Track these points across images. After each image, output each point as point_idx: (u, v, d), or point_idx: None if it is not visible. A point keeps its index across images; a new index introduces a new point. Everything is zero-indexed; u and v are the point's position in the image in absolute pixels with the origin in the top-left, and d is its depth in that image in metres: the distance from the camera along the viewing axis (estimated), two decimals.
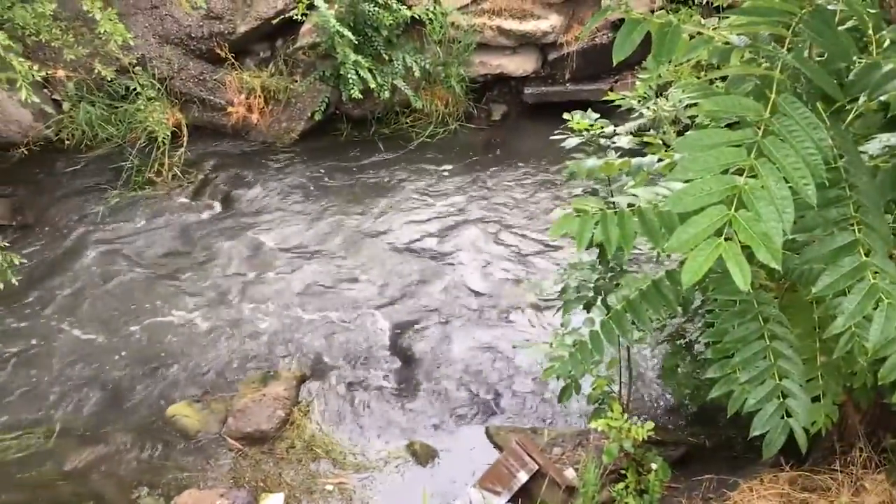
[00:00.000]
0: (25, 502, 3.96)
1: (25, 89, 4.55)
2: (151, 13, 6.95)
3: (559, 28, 7.17)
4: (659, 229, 1.99)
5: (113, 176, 6.31)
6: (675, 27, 1.88)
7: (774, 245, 1.48)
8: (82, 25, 6.13)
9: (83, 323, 5.05)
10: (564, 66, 7.24)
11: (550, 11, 7.25)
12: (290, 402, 4.52)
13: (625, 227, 2.01)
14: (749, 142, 1.59)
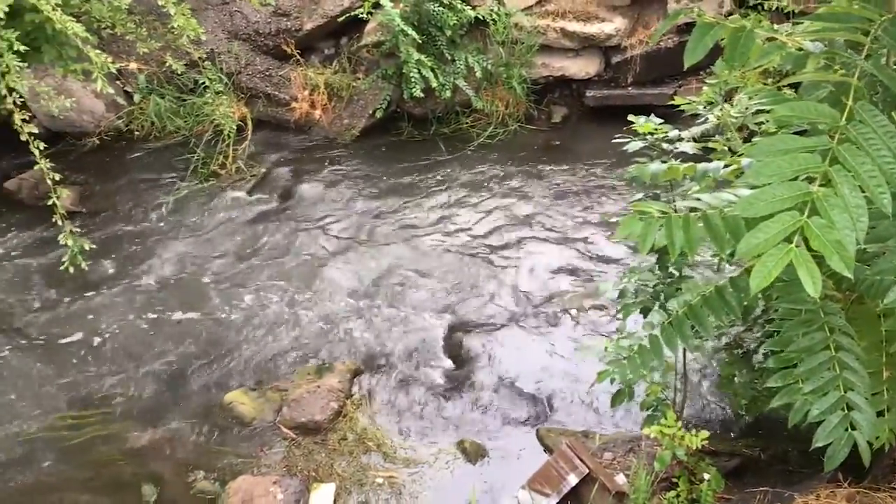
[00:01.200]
0: (89, 479, 4.10)
1: (101, 80, 4.70)
2: (221, 9, 7.11)
3: (623, 31, 7.12)
4: (724, 235, 1.97)
5: (179, 167, 6.47)
6: (749, 32, 1.87)
7: (847, 253, 1.46)
8: (155, 20, 6.29)
9: (146, 309, 5.19)
10: (627, 70, 7.18)
11: (615, 14, 7.20)
12: (344, 395, 4.58)
13: (689, 232, 2.00)
14: (823, 148, 1.57)
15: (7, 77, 4.56)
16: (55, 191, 4.72)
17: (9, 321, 5.08)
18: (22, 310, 5.17)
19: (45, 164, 4.67)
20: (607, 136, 4.38)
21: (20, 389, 4.63)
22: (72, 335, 4.99)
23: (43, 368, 4.76)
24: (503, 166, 6.73)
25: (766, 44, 1.94)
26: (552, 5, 7.20)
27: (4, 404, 4.52)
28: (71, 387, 4.65)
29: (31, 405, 4.53)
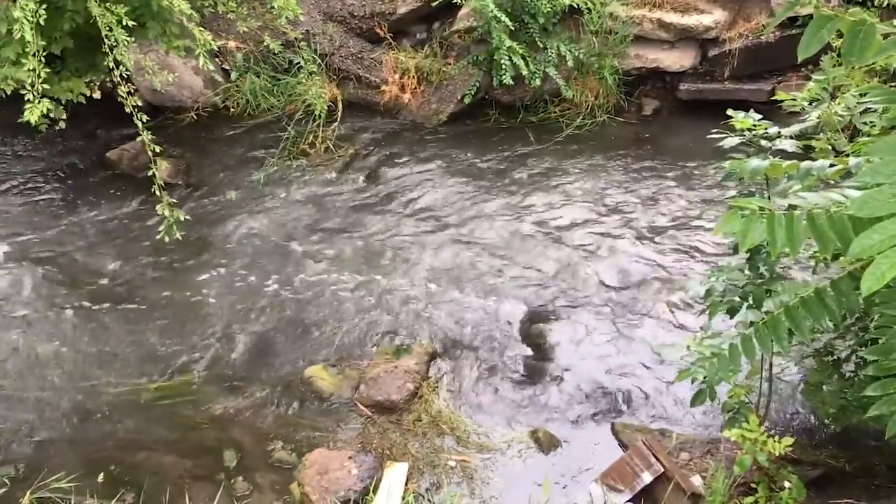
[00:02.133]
0: (175, 441, 4.27)
1: (203, 57, 4.84)
2: None
3: (723, 24, 6.93)
4: (830, 235, 1.90)
5: (271, 144, 6.62)
6: (870, 26, 1.79)
7: None
8: (255, 0, 6.46)
9: (235, 281, 5.35)
10: (724, 64, 6.99)
11: (715, 6, 7.01)
12: (420, 377, 4.63)
13: (793, 231, 1.94)
14: None
15: (115, 51, 4.75)
16: (155, 162, 4.90)
17: (107, 285, 5.31)
18: (120, 275, 5.39)
19: (146, 136, 4.86)
20: (699, 131, 4.28)
21: (116, 349, 4.83)
22: (165, 301, 5.18)
23: (137, 331, 4.96)
24: (591, 158, 6.65)
25: (886, 39, 1.85)
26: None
27: (102, 363, 4.73)
28: (162, 350, 4.83)
29: (126, 365, 4.73)
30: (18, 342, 4.85)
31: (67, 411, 4.42)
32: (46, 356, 4.76)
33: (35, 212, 5.91)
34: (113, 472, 3.98)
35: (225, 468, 4.12)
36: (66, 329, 4.96)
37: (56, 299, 5.15)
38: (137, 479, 3.97)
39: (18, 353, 4.77)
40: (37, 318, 5.02)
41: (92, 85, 5.73)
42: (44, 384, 4.58)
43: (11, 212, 5.90)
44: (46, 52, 4.69)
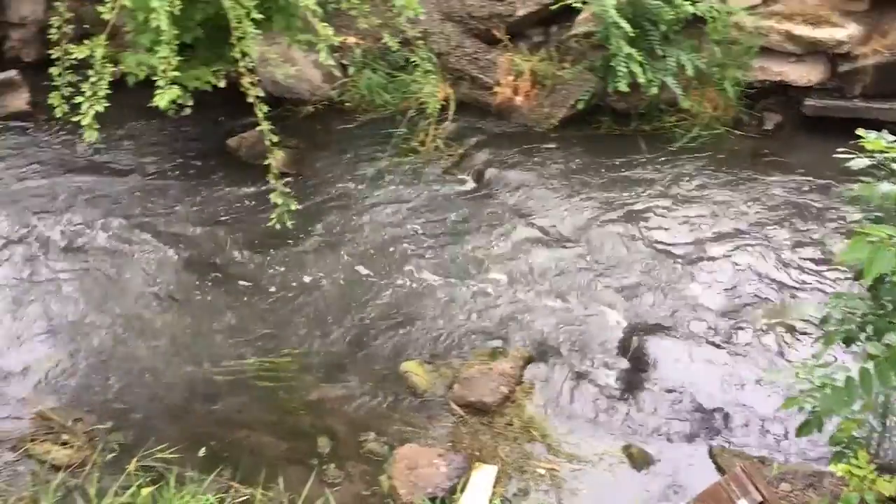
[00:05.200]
0: (273, 423, 4.40)
1: (324, 52, 4.97)
2: None
3: (856, 38, 6.60)
4: None
5: (382, 140, 6.73)
6: None
7: None
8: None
9: (340, 271, 5.46)
10: (856, 81, 6.65)
11: (849, 20, 6.68)
12: (514, 381, 4.61)
13: None
14: None
15: (242, 42, 4.94)
16: (272, 152, 5.06)
17: (220, 267, 5.52)
18: (231, 257, 5.60)
19: (265, 126, 5.03)
20: (824, 150, 4.10)
21: (223, 328, 5.02)
22: (272, 286, 5.34)
23: (243, 312, 5.14)
24: (705, 170, 6.46)
25: None
26: (779, 6, 6.79)
27: (211, 340, 4.92)
28: (266, 333, 4.99)
29: (232, 344, 4.90)
30: (136, 315, 5.10)
31: (176, 385, 4.63)
32: (161, 330, 4.99)
33: (157, 192, 6.21)
34: (213, 448, 4.12)
35: (318, 454, 4.22)
36: (178, 305, 5.19)
37: (171, 276, 5.40)
38: (235, 457, 4.10)
39: (136, 326, 5.01)
40: (153, 292, 5.27)
41: (218, 74, 5.97)
42: (157, 357, 4.80)
43: (135, 191, 6.21)
44: (179, 41, 4.90)
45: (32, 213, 5.85)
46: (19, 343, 4.84)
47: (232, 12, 4.86)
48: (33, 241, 5.60)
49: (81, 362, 4.75)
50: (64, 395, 4.55)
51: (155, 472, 3.85)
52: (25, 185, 6.18)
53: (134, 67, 5.41)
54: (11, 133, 6.75)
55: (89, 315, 5.08)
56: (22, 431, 4.28)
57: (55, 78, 4.98)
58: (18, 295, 5.16)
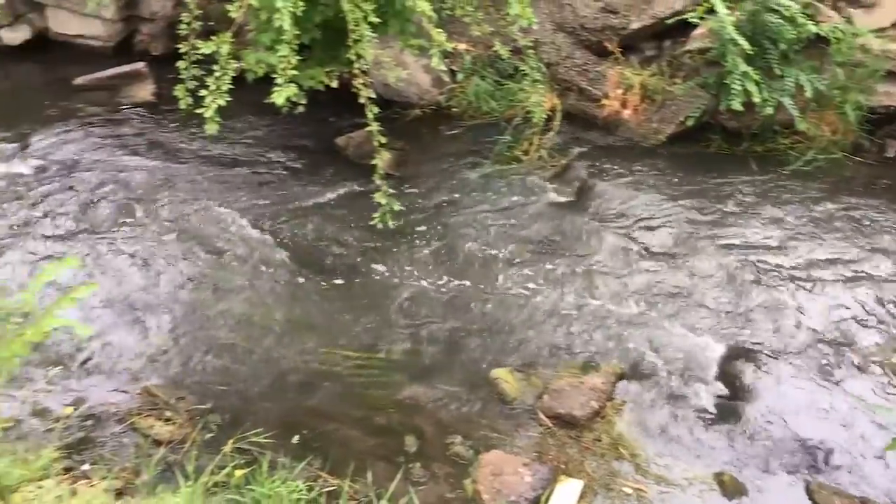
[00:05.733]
0: (362, 418, 4.48)
1: (437, 57, 5.03)
2: (553, 0, 7.28)
3: None
4: None
5: (486, 147, 6.76)
6: None
7: None
8: (490, 5, 6.61)
9: (436, 274, 5.51)
10: None
11: None
12: (605, 397, 4.56)
13: None
14: None
15: (358, 45, 5.05)
16: (379, 152, 5.16)
17: (321, 261, 5.66)
18: (333, 252, 5.73)
19: (374, 126, 5.13)
20: None
21: (320, 321, 5.15)
22: (370, 284, 5.45)
23: (341, 306, 5.26)
24: (817, 196, 6.23)
25: None
26: None
27: (308, 332, 5.06)
28: (361, 329, 5.09)
29: (327, 337, 5.02)
30: (239, 304, 5.29)
31: (272, 373, 4.78)
32: (261, 320, 5.15)
33: (266, 185, 6.42)
34: (304, 437, 4.23)
35: (405, 452, 4.28)
36: (279, 297, 5.35)
37: (274, 268, 5.57)
38: (325, 448, 4.20)
39: (238, 314, 5.20)
40: (255, 282, 5.46)
41: (331, 75, 6.12)
42: (256, 345, 4.96)
43: (247, 182, 6.43)
44: (298, 41, 5.05)
45: (147, 197, 6.15)
46: (131, 322, 5.09)
47: (350, 15, 4.98)
48: (146, 224, 5.89)
49: (186, 344, 4.96)
50: (168, 374, 4.76)
51: (249, 455, 3.98)
52: (143, 169, 6.49)
53: (253, 65, 5.61)
54: (136, 120, 7.10)
55: (194, 300, 5.31)
56: (129, 405, 4.51)
57: (181, 71, 5.21)
58: (129, 276, 5.43)
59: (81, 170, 6.41)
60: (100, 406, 4.49)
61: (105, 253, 5.59)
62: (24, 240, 5.68)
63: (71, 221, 5.87)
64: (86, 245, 5.64)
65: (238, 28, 5.18)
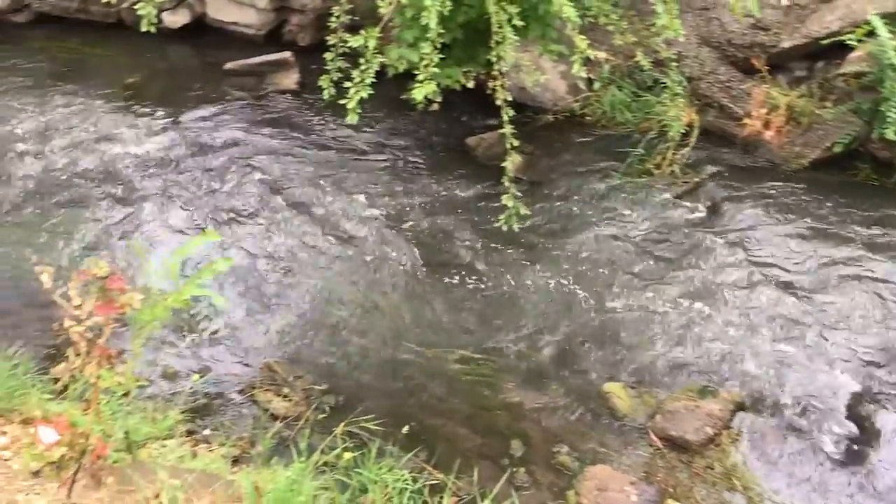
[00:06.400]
0: (470, 416, 4.52)
1: (578, 64, 4.99)
2: (701, 14, 7.08)
3: None
4: None
5: (617, 158, 6.64)
6: None
7: None
8: (634, 15, 6.51)
9: (556, 281, 5.47)
10: None
11: None
12: (721, 424, 4.42)
13: None
14: None
15: (500, 47, 5.08)
16: (510, 155, 5.18)
17: (443, 258, 5.72)
18: (455, 250, 5.79)
19: (508, 129, 5.14)
20: None
21: (437, 317, 5.22)
22: (489, 285, 5.48)
23: (458, 305, 5.32)
24: None
25: None
26: None
27: (424, 326, 5.15)
28: (476, 329, 5.12)
29: (442, 334, 5.09)
30: (362, 292, 5.42)
31: (387, 363, 4.88)
32: (381, 310, 5.27)
33: (396, 178, 6.54)
34: (413, 428, 4.29)
35: (510, 455, 4.28)
36: (400, 286, 5.47)
37: (397, 260, 5.68)
38: (432, 442, 4.26)
39: (360, 303, 5.33)
40: (379, 273, 5.58)
41: (468, 75, 6.18)
42: (374, 334, 5.09)
43: (378, 173, 6.58)
44: (441, 40, 5.12)
45: (283, 181, 6.38)
46: (259, 300, 5.31)
47: (495, 17, 5.02)
48: (281, 206, 6.11)
49: (308, 326, 5.14)
50: (289, 353, 4.94)
51: (358, 439, 4.07)
52: (282, 153, 6.74)
53: (395, 60, 5.73)
54: (279, 107, 7.39)
55: (319, 284, 5.47)
56: (250, 378, 4.71)
57: (327, 62, 5.39)
58: (260, 255, 5.67)
59: (225, 149, 6.74)
60: (224, 376, 4.71)
61: (240, 231, 5.86)
62: (170, 210, 6.03)
63: (211, 198, 6.18)
64: (223, 221, 5.93)
65: (383, 24, 5.30)
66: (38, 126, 6.88)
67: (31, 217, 5.94)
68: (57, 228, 5.82)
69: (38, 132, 6.81)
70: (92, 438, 2.93)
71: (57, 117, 6.97)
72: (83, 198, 6.13)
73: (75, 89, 7.38)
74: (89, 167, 6.45)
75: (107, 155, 6.58)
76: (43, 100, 7.21)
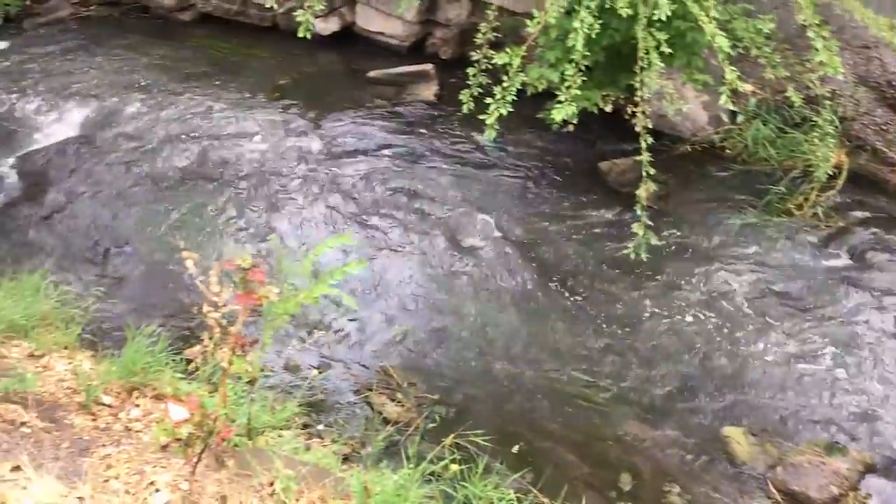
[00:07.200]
0: (580, 444, 4.46)
1: (726, 96, 4.84)
2: (860, 52, 6.73)
3: None
4: None
5: (755, 195, 6.39)
6: None
7: None
8: (788, 48, 6.26)
9: (681, 317, 5.31)
10: None
11: None
12: (848, 485, 4.17)
13: None
14: None
15: (644, 72, 5.00)
16: (645, 183, 5.07)
17: (567, 281, 5.65)
18: (580, 275, 5.70)
19: (646, 157, 5.05)
20: None
21: (556, 340, 5.18)
22: (611, 311, 5.38)
23: (577, 329, 5.25)
24: None
25: None
26: None
27: (539, 346, 5.12)
28: (594, 355, 5.05)
29: (561, 357, 5.04)
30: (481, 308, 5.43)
31: (501, 380, 4.88)
32: (499, 327, 5.28)
33: (526, 196, 6.53)
34: (522, 449, 4.27)
35: (619, 489, 4.19)
36: (521, 304, 5.45)
37: (521, 278, 5.66)
38: (540, 465, 4.21)
39: (478, 318, 5.34)
40: (501, 290, 5.58)
41: (606, 99, 6.11)
42: (490, 350, 5.10)
43: (508, 190, 6.59)
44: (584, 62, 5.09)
45: (416, 190, 6.48)
46: (381, 304, 5.41)
47: (642, 42, 4.95)
48: (412, 215, 6.22)
49: (426, 336, 5.20)
50: (405, 359, 5.01)
51: (466, 452, 4.07)
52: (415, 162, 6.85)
53: (535, 79, 5.73)
54: (416, 117, 7.52)
55: (441, 295, 5.53)
56: (366, 380, 4.81)
57: (469, 77, 5.45)
58: (387, 261, 5.78)
59: (362, 155, 6.92)
60: (342, 374, 4.84)
61: (371, 235, 5.99)
62: (306, 210, 6.25)
63: (346, 201, 6.36)
64: (356, 224, 6.09)
65: (523, 42, 5.31)
66: (194, 118, 7.29)
67: (179, 204, 6.29)
68: (201, 217, 6.14)
69: (192, 124, 7.21)
70: (218, 421, 3.06)
71: (211, 111, 7.36)
72: (226, 190, 6.44)
73: (229, 86, 7.79)
74: (235, 161, 6.77)
75: (252, 151, 6.89)
76: (200, 94, 7.64)
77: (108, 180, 6.54)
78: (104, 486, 2.97)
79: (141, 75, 7.85)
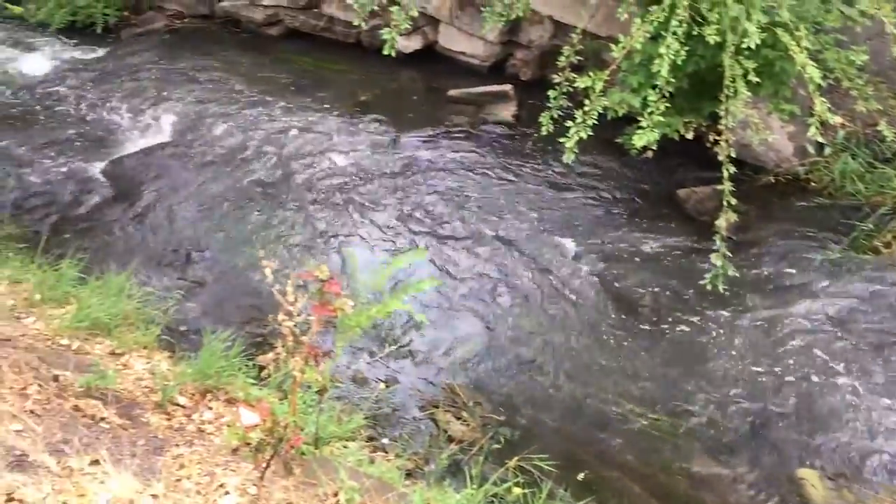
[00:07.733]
0: (647, 476, 4.36)
1: (815, 128, 4.72)
2: None
3: None
4: None
5: (839, 230, 6.19)
6: None
7: None
8: (882, 81, 6.08)
9: (758, 352, 5.15)
10: None
11: None
12: None
13: None
14: None
15: (729, 101, 4.91)
16: (726, 213, 4.96)
17: (641, 309, 5.55)
18: (655, 304, 5.59)
19: (727, 186, 4.94)
20: None
21: (626, 368, 5.09)
22: (686, 343, 5.26)
23: (649, 359, 5.15)
24: None
25: None
26: None
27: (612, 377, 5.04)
28: (665, 387, 4.94)
29: (631, 386, 4.95)
30: (551, 329, 5.39)
31: (569, 406, 4.82)
32: (570, 352, 5.21)
33: (602, 220, 6.48)
34: (587, 477, 4.21)
35: None
36: (590, 331, 5.38)
37: (591, 302, 5.60)
38: (604, 495, 4.14)
39: (551, 342, 5.29)
40: (571, 315, 5.52)
41: (689, 125, 6.03)
42: (560, 375, 5.04)
43: (583, 214, 6.55)
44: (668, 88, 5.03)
45: (490, 210, 6.50)
46: (451, 322, 5.42)
47: (729, 70, 4.86)
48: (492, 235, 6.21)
49: (494, 356, 5.18)
50: (472, 378, 5.00)
51: (530, 476, 4.04)
52: (492, 183, 6.87)
53: (616, 104, 5.69)
54: (494, 137, 7.55)
55: (510, 317, 5.51)
56: (432, 397, 4.81)
57: (550, 100, 5.44)
58: (458, 280, 5.78)
59: (440, 172, 6.98)
60: (409, 390, 4.86)
61: (446, 253, 6.02)
62: (382, 224, 6.32)
63: (421, 217, 6.42)
64: (431, 241, 6.13)
65: (604, 66, 5.28)
66: (277, 130, 7.49)
67: (259, 212, 6.45)
68: (278, 227, 6.29)
69: (275, 135, 7.41)
70: (288, 429, 3.11)
71: (294, 124, 7.55)
72: (305, 201, 6.57)
73: (313, 100, 7.97)
74: (315, 173, 6.92)
75: (331, 164, 7.03)
76: (284, 106, 7.85)
77: (192, 187, 6.76)
78: (176, 486, 3.05)
79: (229, 86, 8.12)
